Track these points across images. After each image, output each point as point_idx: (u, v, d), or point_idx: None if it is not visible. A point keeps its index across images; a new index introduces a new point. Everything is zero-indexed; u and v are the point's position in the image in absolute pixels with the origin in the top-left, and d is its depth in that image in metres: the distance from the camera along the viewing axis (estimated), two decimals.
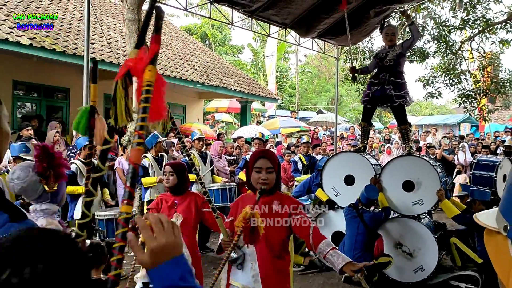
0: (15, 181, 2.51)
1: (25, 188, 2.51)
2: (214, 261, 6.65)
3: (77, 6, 12.74)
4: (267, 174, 2.70)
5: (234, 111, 21.07)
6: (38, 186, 2.51)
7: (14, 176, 2.52)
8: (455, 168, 11.37)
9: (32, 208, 2.58)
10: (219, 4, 8.40)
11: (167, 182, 3.87)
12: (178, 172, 3.85)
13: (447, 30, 14.21)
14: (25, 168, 2.54)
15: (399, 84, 6.08)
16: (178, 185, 3.84)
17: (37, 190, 2.52)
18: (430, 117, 32.87)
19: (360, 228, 5.50)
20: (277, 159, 2.89)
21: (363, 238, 5.48)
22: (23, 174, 2.51)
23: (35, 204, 2.58)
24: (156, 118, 1.52)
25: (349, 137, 16.18)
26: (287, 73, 35.75)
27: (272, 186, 2.77)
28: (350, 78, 8.02)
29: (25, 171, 2.52)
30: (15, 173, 2.54)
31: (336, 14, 8.75)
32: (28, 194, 2.55)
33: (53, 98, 11.52)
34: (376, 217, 5.60)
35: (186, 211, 3.76)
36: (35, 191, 2.52)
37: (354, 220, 5.58)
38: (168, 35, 16.40)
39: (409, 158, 6.07)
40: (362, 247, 5.45)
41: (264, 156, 2.75)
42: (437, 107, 44.23)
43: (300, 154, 9.15)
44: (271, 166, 2.71)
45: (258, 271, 2.74)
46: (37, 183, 2.51)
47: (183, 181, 3.87)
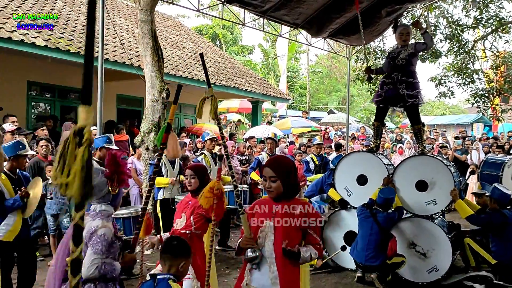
0: None
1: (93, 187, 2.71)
2: (227, 260, 6.69)
3: None
4: (271, 182, 2.81)
5: (245, 111, 21.12)
6: (104, 187, 2.87)
7: None
8: (468, 168, 11.27)
9: (93, 207, 2.89)
10: (231, 4, 8.44)
11: (189, 185, 3.89)
12: (199, 175, 3.89)
13: (460, 29, 14.11)
14: (97, 170, 2.87)
15: (411, 83, 6.05)
16: (200, 187, 3.87)
17: (103, 190, 2.89)
18: (442, 117, 32.60)
19: (373, 228, 5.48)
20: (286, 166, 2.88)
21: (377, 238, 5.46)
22: (94, 174, 2.72)
23: (96, 204, 2.89)
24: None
25: (360, 137, 16.13)
26: (297, 73, 35.71)
27: (282, 193, 2.82)
28: (365, 78, 8.00)
29: (96, 172, 2.83)
30: None
31: (347, 13, 8.76)
32: (94, 192, 2.76)
33: (66, 99, 11.66)
34: (389, 217, 5.58)
35: (191, 214, 3.80)
36: (101, 191, 2.88)
37: (368, 220, 5.56)
38: (180, 35, 16.49)
39: (423, 158, 6.04)
40: (375, 247, 5.44)
41: (268, 166, 2.86)
42: (449, 107, 43.83)
43: (312, 154, 9.16)
44: (274, 175, 2.80)
45: (277, 273, 2.76)
46: (104, 184, 2.87)
47: (204, 184, 3.90)
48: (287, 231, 2.78)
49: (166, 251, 2.83)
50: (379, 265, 5.41)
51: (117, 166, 2.92)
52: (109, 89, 10.61)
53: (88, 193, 1.28)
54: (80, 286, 1.28)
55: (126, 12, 15.18)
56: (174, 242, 2.87)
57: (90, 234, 2.81)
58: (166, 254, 2.80)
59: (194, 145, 10.26)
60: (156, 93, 7.16)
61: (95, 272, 2.73)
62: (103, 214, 2.89)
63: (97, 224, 2.83)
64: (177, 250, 2.81)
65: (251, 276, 2.85)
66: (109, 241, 2.83)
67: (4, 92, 9.51)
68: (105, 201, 2.92)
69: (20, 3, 9.90)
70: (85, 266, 2.72)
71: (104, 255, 2.78)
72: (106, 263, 2.80)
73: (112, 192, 2.92)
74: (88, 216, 2.91)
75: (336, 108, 31.16)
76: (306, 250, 2.78)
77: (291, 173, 2.88)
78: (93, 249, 2.76)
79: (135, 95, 12.81)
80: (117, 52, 10.53)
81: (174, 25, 17.87)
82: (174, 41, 15.28)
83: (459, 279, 5.66)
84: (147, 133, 7.14)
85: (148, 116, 7.19)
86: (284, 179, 2.82)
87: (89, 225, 2.83)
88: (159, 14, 17.70)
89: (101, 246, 2.77)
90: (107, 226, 2.85)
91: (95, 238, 2.79)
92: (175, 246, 2.83)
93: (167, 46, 13.85)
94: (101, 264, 2.77)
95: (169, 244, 2.87)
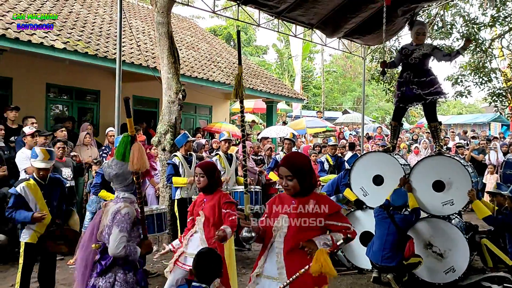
0: (111, 168, 2.97)
1: (119, 174, 2.97)
2: (242, 260, 6.72)
3: (107, 10, 13.04)
4: (288, 181, 2.86)
5: (259, 111, 21.14)
6: (129, 176, 2.98)
7: (113, 163, 2.97)
8: (485, 168, 11.15)
9: (116, 194, 3.01)
10: (246, 5, 8.48)
11: (198, 183, 3.96)
12: (208, 173, 3.94)
13: (477, 28, 13.94)
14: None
15: (424, 82, 6.00)
16: (209, 186, 3.93)
17: (128, 179, 3.00)
18: (459, 116, 32.24)
19: (390, 229, 5.47)
20: (301, 164, 2.92)
21: (393, 238, 5.45)
22: (120, 164, 2.96)
23: (119, 191, 3.02)
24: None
25: (377, 137, 16.05)
26: (312, 73, 35.62)
27: (300, 190, 2.87)
28: (380, 72, 7.95)
29: (122, 161, 2.96)
30: (113, 161, 2.98)
31: (363, 13, 8.73)
32: (119, 180, 3.00)
33: (84, 100, 11.83)
34: (407, 219, 5.57)
35: (210, 211, 3.87)
36: (125, 179, 3.00)
37: (385, 221, 5.56)
38: (195, 37, 16.59)
39: (440, 158, 6.00)
40: (391, 247, 5.43)
41: (283, 165, 2.90)
42: (466, 106, 43.31)
43: (327, 155, 9.15)
44: (290, 174, 2.85)
45: (284, 264, 2.82)
46: (130, 173, 2.97)
47: (214, 181, 3.95)
48: (301, 225, 2.83)
49: (202, 271, 2.84)
50: (396, 266, 5.40)
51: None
52: (126, 91, 10.74)
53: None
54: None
55: (142, 14, 15.34)
56: (211, 263, 2.88)
57: (114, 215, 2.89)
58: (201, 274, 2.82)
59: (210, 146, 10.33)
60: (172, 94, 7.23)
61: (122, 250, 2.81)
62: (126, 200, 2.99)
63: (120, 205, 2.93)
64: (214, 269, 2.86)
65: (263, 267, 2.92)
66: (133, 221, 2.92)
67: (24, 94, 9.70)
68: (129, 190, 3.03)
69: (39, 6, 10.09)
70: (113, 243, 2.81)
71: (128, 234, 2.87)
72: (130, 244, 2.88)
73: (136, 182, 3.00)
74: (111, 202, 3.02)
75: (351, 108, 31.01)
76: (322, 236, 2.82)
77: (307, 170, 2.91)
78: (119, 227, 2.84)
79: (151, 96, 12.93)
80: (133, 54, 10.65)
81: (190, 26, 17.99)
82: (190, 42, 15.38)
83: (477, 280, 5.62)
84: (163, 134, 7.22)
85: (165, 117, 7.27)
86: (301, 177, 2.86)
87: (112, 209, 2.94)
88: (174, 15, 17.83)
89: (126, 224, 2.87)
90: (129, 207, 2.95)
91: (120, 217, 2.87)
92: (212, 266, 2.87)
93: (182, 47, 13.96)
94: (127, 244, 2.84)
95: (205, 262, 2.88)
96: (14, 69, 9.27)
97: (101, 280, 2.84)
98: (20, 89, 9.72)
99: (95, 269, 2.91)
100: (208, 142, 10.62)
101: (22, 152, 6.46)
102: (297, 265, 2.77)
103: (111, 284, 2.83)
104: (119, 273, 2.89)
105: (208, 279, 2.80)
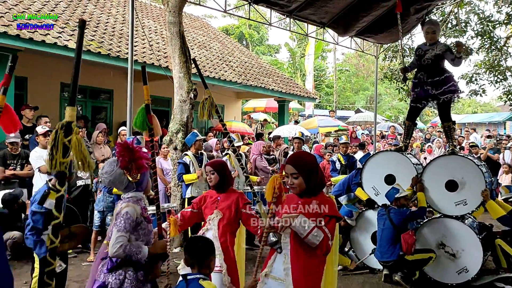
0: (104, 176, 2.92)
1: (112, 181, 2.93)
2: (254, 259, 6.70)
3: (119, 11, 13.15)
4: (293, 179, 2.86)
5: (271, 110, 21.14)
6: (123, 178, 2.92)
7: (103, 171, 2.93)
8: (500, 167, 11.00)
9: (122, 196, 3.00)
10: (257, 4, 8.48)
11: (210, 181, 3.97)
12: (218, 171, 3.95)
13: (492, 26, 13.76)
14: (111, 164, 2.94)
15: (438, 82, 5.93)
16: (221, 183, 3.94)
17: (123, 181, 2.93)
18: (473, 115, 31.88)
19: (385, 224, 5.64)
20: (307, 162, 2.90)
21: (388, 233, 5.59)
22: (109, 169, 2.91)
23: (124, 193, 2.98)
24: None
25: (389, 136, 15.94)
26: (324, 72, 35.48)
27: (306, 188, 2.86)
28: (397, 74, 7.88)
29: (110, 166, 2.92)
30: (104, 168, 2.94)
31: (375, 12, 8.66)
32: (116, 185, 2.97)
33: (97, 99, 11.95)
34: (400, 212, 5.63)
35: (227, 209, 3.86)
36: (121, 183, 2.93)
37: (382, 218, 5.75)
38: (207, 36, 16.64)
39: (453, 157, 5.93)
40: (387, 242, 5.58)
41: (288, 163, 2.89)
42: (481, 105, 42.77)
43: (339, 154, 9.11)
44: (295, 172, 2.84)
45: (290, 265, 2.81)
46: (122, 176, 2.91)
47: (225, 179, 3.96)
48: None
49: (192, 253, 2.82)
50: (396, 260, 5.44)
51: (131, 154, 2.91)
52: (138, 90, 10.81)
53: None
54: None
55: (154, 14, 15.43)
56: (199, 244, 2.88)
57: (116, 215, 2.89)
58: (192, 256, 2.81)
59: (221, 145, 10.36)
60: (184, 93, 7.27)
61: (119, 251, 2.74)
62: (131, 200, 2.95)
63: (123, 205, 2.91)
64: (203, 250, 2.83)
65: (272, 266, 2.92)
66: (133, 220, 2.86)
67: (39, 93, 9.84)
68: (130, 189, 2.98)
69: (53, 7, 10.21)
70: (111, 244, 2.78)
71: (128, 234, 2.82)
72: (132, 244, 2.83)
73: (133, 180, 2.94)
74: (119, 202, 3.03)
75: (363, 107, 30.82)
76: (304, 220, 2.75)
77: (313, 168, 2.89)
78: (117, 227, 2.82)
79: (163, 96, 13.01)
80: (146, 54, 10.72)
81: (201, 26, 18.05)
82: (202, 41, 15.43)
83: (490, 281, 5.55)
84: (175, 133, 7.26)
85: (176, 116, 7.31)
86: (306, 175, 2.84)
87: (117, 209, 2.95)
88: (186, 15, 17.91)
89: (124, 223, 2.81)
90: (130, 206, 2.89)
91: (119, 217, 2.86)
92: (201, 247, 2.84)
93: (194, 47, 14.01)
94: (126, 244, 2.78)
95: (194, 246, 2.86)
96: (29, 68, 9.41)
97: (111, 277, 2.85)
98: (35, 89, 9.87)
99: (105, 265, 2.93)
100: (219, 142, 10.65)
101: (35, 151, 6.56)
102: (302, 267, 2.77)
103: (120, 281, 2.84)
104: (129, 270, 2.88)
105: (198, 260, 2.79)
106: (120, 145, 2.94)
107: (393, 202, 5.75)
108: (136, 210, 2.90)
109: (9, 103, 2.63)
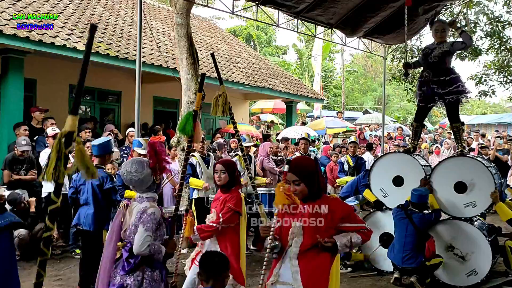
0: (133, 174, 2.97)
1: (141, 180, 2.99)
2: (261, 261, 6.70)
3: (128, 12, 13.21)
4: (295, 186, 2.84)
5: (279, 111, 21.11)
6: (150, 178, 3.01)
7: (132, 169, 2.97)
8: (509, 169, 10.90)
9: (137, 195, 3.05)
10: (265, 6, 8.48)
11: (219, 180, 3.96)
12: (229, 170, 3.95)
13: (501, 26, 13.65)
14: (141, 163, 3.01)
15: (444, 81, 5.89)
16: (229, 183, 3.94)
17: (149, 181, 3.02)
18: (483, 116, 31.59)
19: (409, 230, 5.40)
20: (308, 168, 2.88)
21: (413, 239, 5.38)
22: (140, 168, 2.98)
23: (141, 193, 3.03)
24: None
25: (397, 137, 15.85)
26: (332, 73, 35.41)
27: (309, 194, 2.85)
28: (402, 74, 7.84)
29: (142, 165, 2.99)
30: (132, 166, 2.98)
31: (382, 12, 8.64)
32: (142, 185, 3.02)
33: (105, 101, 12.01)
34: (425, 218, 5.47)
35: (218, 208, 3.87)
36: (147, 183, 3.01)
37: (403, 222, 5.48)
38: (215, 37, 16.67)
39: (462, 159, 5.89)
40: (412, 248, 5.36)
41: (289, 170, 2.88)
42: (490, 106, 42.40)
43: (347, 155, 9.08)
44: (297, 179, 2.83)
45: (298, 268, 2.79)
46: (150, 176, 3.01)
47: (234, 179, 3.97)
48: (316, 230, 2.80)
49: (207, 268, 2.78)
50: (418, 267, 5.33)
51: (158, 155, 3.03)
52: (146, 91, 10.87)
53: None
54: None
55: (162, 16, 15.49)
56: (215, 259, 2.84)
57: (140, 214, 2.93)
58: (207, 271, 2.76)
59: (228, 146, 10.37)
60: (191, 95, 7.30)
61: (147, 249, 2.84)
62: (149, 200, 3.02)
63: (146, 205, 2.97)
64: (219, 266, 2.80)
65: (278, 274, 2.89)
66: (158, 221, 2.95)
67: (48, 95, 9.91)
68: (151, 190, 3.07)
69: (62, 9, 10.28)
70: (138, 242, 2.85)
71: (152, 233, 2.90)
72: (155, 243, 2.92)
73: (156, 181, 3.06)
74: (135, 201, 3.06)
75: (371, 108, 30.72)
76: (342, 236, 2.81)
77: (314, 173, 2.89)
78: (145, 227, 2.88)
79: (171, 97, 13.05)
80: (153, 55, 10.77)
81: (209, 27, 18.08)
82: (209, 43, 15.46)
83: (499, 283, 5.50)
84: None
85: None
86: (308, 181, 2.84)
87: (137, 208, 2.97)
88: (194, 16, 17.96)
89: (152, 224, 2.90)
90: (155, 207, 2.99)
91: (146, 216, 2.91)
92: (217, 263, 2.81)
93: (202, 48, 14.05)
94: (152, 243, 2.88)
95: (209, 261, 2.83)
96: (38, 70, 9.49)
97: (129, 279, 2.88)
98: (44, 90, 9.94)
99: (119, 267, 2.95)
100: (226, 142, 10.67)
101: (45, 153, 6.62)
102: (311, 268, 2.75)
103: (139, 282, 2.88)
104: (147, 271, 2.94)
105: (213, 276, 2.75)
106: (150, 146, 3.06)
107: (416, 205, 5.51)
108: (159, 210, 3.00)
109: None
